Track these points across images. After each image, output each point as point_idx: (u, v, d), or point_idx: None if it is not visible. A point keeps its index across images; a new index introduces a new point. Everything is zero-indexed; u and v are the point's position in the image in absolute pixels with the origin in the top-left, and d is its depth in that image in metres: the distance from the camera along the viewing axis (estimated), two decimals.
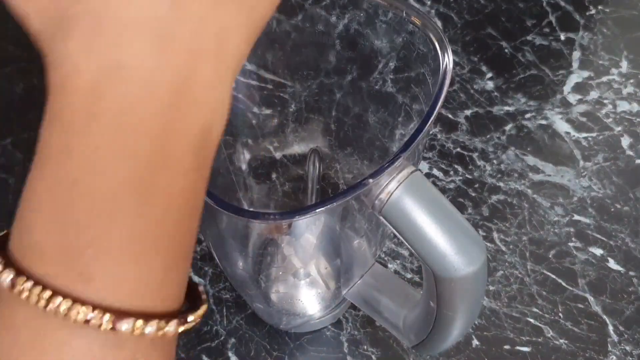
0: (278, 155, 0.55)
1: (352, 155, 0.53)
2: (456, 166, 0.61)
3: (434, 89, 0.38)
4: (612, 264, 0.56)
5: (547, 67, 0.68)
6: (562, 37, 0.70)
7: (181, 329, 0.26)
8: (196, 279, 0.55)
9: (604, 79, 0.67)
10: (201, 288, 0.29)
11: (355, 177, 0.52)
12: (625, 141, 0.63)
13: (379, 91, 0.48)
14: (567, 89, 0.66)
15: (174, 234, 0.25)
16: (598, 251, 0.57)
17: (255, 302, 0.48)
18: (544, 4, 0.72)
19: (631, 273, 0.56)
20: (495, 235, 0.58)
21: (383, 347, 0.53)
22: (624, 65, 0.67)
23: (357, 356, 0.53)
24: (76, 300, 0.23)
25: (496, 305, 0.54)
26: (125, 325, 0.24)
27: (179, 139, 0.24)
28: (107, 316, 0.24)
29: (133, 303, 0.25)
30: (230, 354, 0.52)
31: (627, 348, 0.52)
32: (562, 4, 0.72)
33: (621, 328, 0.53)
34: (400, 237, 0.35)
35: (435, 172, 0.61)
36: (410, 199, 0.33)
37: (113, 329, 0.24)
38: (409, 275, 0.56)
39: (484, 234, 0.58)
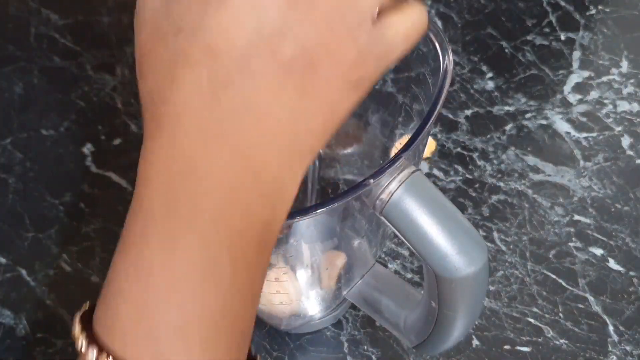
0: None
1: (352, 155, 0.53)
2: (456, 166, 0.61)
3: (434, 89, 0.38)
4: (612, 264, 0.56)
5: (547, 67, 0.68)
6: (563, 37, 0.70)
7: None
8: None
9: (604, 79, 0.67)
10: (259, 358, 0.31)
11: (356, 177, 0.52)
12: (626, 141, 0.63)
13: (379, 91, 0.48)
14: (567, 88, 0.66)
15: (236, 320, 0.27)
16: (598, 251, 0.57)
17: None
18: (544, 3, 0.72)
19: (631, 273, 0.56)
20: (495, 235, 0.58)
21: (383, 347, 0.53)
22: (624, 65, 0.67)
23: (357, 356, 0.53)
24: None
25: (496, 305, 0.54)
26: None
27: (241, 230, 0.26)
28: None
29: None
30: None
31: (628, 348, 0.52)
32: (563, 3, 0.72)
33: (621, 328, 0.53)
34: (402, 238, 0.35)
35: (435, 172, 0.61)
36: (411, 199, 0.33)
37: None
38: (409, 275, 0.56)
39: (484, 234, 0.58)
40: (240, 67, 0.25)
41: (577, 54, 0.68)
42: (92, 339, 0.27)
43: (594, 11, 0.71)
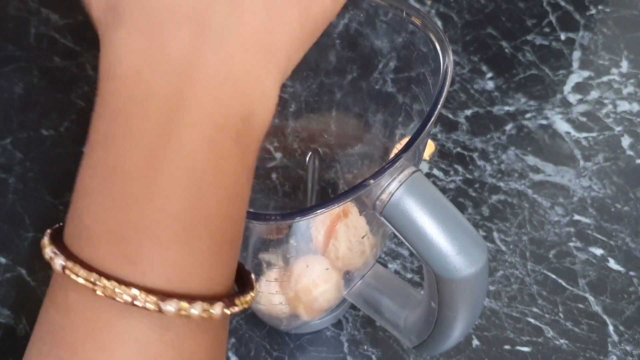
0: (278, 155, 0.55)
1: (352, 155, 0.53)
2: (456, 166, 0.61)
3: (434, 89, 0.38)
4: (612, 264, 0.56)
5: (547, 67, 0.68)
6: (563, 37, 0.70)
7: (229, 311, 0.26)
8: None
9: (604, 78, 0.67)
10: (253, 276, 0.30)
11: (355, 177, 0.52)
12: (626, 141, 0.63)
13: (379, 91, 0.48)
14: (567, 88, 0.66)
15: (217, 219, 0.26)
16: (598, 251, 0.57)
17: (255, 303, 0.48)
18: (544, 3, 0.72)
19: (631, 273, 0.56)
20: (495, 235, 0.58)
21: (383, 347, 0.53)
22: (624, 65, 0.67)
23: (357, 356, 0.53)
24: (122, 282, 0.24)
25: (496, 305, 0.54)
26: (169, 306, 0.24)
27: (216, 122, 0.25)
28: (152, 297, 0.24)
29: (178, 285, 0.25)
30: (230, 354, 0.52)
31: (628, 348, 0.52)
32: (563, 3, 0.72)
33: (621, 328, 0.53)
34: (402, 238, 0.35)
35: (435, 172, 0.61)
36: (411, 200, 0.33)
37: (158, 310, 0.24)
38: (409, 275, 0.56)
39: (484, 234, 0.58)
40: None
41: (577, 54, 0.68)
42: (60, 248, 0.25)
43: (594, 11, 0.71)
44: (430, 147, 0.62)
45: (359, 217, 0.42)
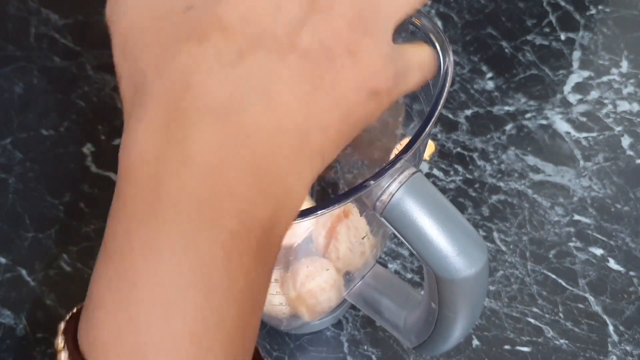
0: None
1: (352, 155, 0.53)
2: (456, 166, 0.61)
3: (434, 89, 0.38)
4: (612, 264, 0.56)
5: (547, 67, 0.68)
6: (563, 37, 0.70)
7: None
8: None
9: (604, 78, 0.67)
10: None
11: (355, 177, 0.52)
12: (626, 141, 0.63)
13: None
14: (567, 88, 0.66)
15: (232, 332, 0.25)
16: (598, 251, 0.57)
17: None
18: (544, 3, 0.72)
19: (631, 273, 0.56)
20: (495, 235, 0.58)
21: (383, 347, 0.53)
22: (624, 65, 0.67)
23: (357, 356, 0.53)
24: None
25: (496, 305, 0.54)
26: None
27: (239, 236, 0.24)
28: None
29: None
30: None
31: (628, 348, 0.52)
32: (563, 3, 0.72)
33: (621, 328, 0.53)
34: (402, 239, 0.35)
35: (435, 172, 0.61)
36: (411, 201, 0.33)
37: None
38: (409, 276, 0.56)
39: (484, 234, 0.58)
40: (253, 45, 0.23)
41: (577, 54, 0.68)
42: (73, 353, 0.25)
43: (594, 11, 0.71)
44: (430, 147, 0.62)
45: (360, 218, 0.42)
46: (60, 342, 0.25)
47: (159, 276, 0.23)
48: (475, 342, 0.53)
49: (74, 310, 0.27)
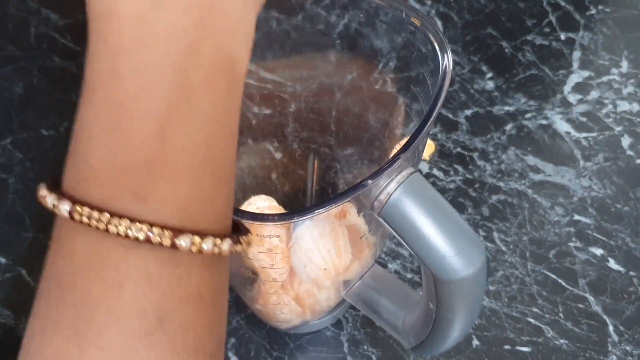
0: (278, 155, 0.55)
1: (352, 155, 0.53)
2: (456, 166, 0.61)
3: (433, 89, 0.38)
4: (612, 264, 0.56)
5: (547, 67, 0.68)
6: (563, 37, 0.69)
7: (236, 248, 0.27)
8: None
9: (604, 78, 0.67)
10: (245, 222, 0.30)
11: (355, 177, 0.52)
12: (626, 141, 0.63)
13: (379, 91, 0.48)
14: (567, 88, 0.66)
15: (216, 155, 0.26)
16: (598, 251, 0.57)
17: (255, 303, 0.48)
18: (544, 3, 0.72)
19: (631, 273, 0.56)
20: (495, 235, 0.58)
21: (383, 347, 0.53)
22: (624, 65, 0.67)
23: (357, 356, 0.53)
24: (134, 220, 0.24)
25: (496, 305, 0.54)
26: (183, 241, 0.25)
27: (213, 62, 0.25)
28: (167, 233, 0.25)
29: (187, 221, 0.25)
30: (230, 354, 0.52)
31: (628, 348, 0.52)
32: (563, 3, 0.72)
33: (621, 328, 0.53)
34: (400, 239, 0.35)
35: (435, 172, 0.61)
36: (409, 200, 0.33)
37: (173, 245, 0.25)
38: (409, 275, 0.56)
39: (484, 234, 0.58)
40: None
41: (577, 54, 0.68)
42: (64, 194, 0.26)
43: (594, 11, 0.71)
44: (430, 147, 0.62)
45: (358, 218, 0.42)
46: (44, 190, 0.26)
47: (146, 98, 0.25)
48: (475, 342, 0.53)
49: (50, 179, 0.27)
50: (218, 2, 0.25)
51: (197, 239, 0.25)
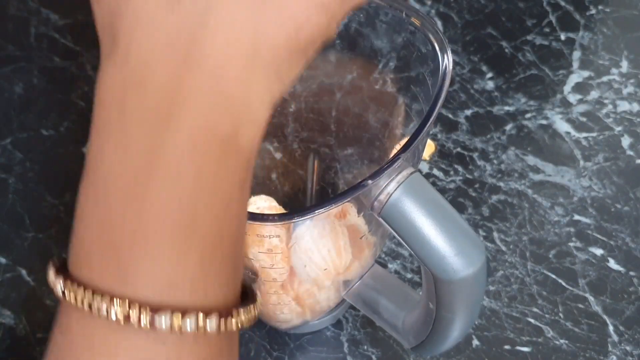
0: (278, 155, 0.55)
1: (352, 155, 0.53)
2: (456, 166, 0.61)
3: (433, 89, 0.39)
4: (612, 264, 0.56)
5: (547, 67, 0.68)
6: (563, 37, 0.69)
7: (230, 324, 0.26)
8: None
9: (604, 78, 0.67)
10: (257, 292, 0.30)
11: (355, 177, 0.52)
12: (626, 141, 0.63)
13: (379, 91, 0.48)
14: (567, 88, 0.66)
15: (208, 235, 0.26)
16: (598, 251, 0.57)
17: None
18: (544, 3, 0.72)
19: (631, 273, 0.56)
20: (495, 235, 0.58)
21: (383, 347, 0.53)
22: (624, 65, 0.67)
23: (357, 356, 0.53)
24: (115, 297, 0.24)
25: (496, 305, 0.54)
26: (163, 319, 0.24)
27: (203, 144, 0.25)
28: (145, 313, 0.24)
29: (170, 298, 0.25)
30: None
31: (628, 348, 0.52)
32: (563, 3, 0.72)
33: (621, 328, 0.53)
34: (400, 239, 0.35)
35: (435, 172, 0.61)
36: (409, 201, 0.33)
37: (152, 324, 0.24)
38: (409, 275, 0.56)
39: (484, 234, 0.58)
40: None
41: (577, 54, 0.68)
42: (60, 271, 0.26)
43: (594, 11, 0.71)
44: (430, 147, 0.62)
45: (358, 218, 0.42)
46: (51, 270, 0.27)
47: (130, 180, 0.25)
48: (475, 342, 0.53)
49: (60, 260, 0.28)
50: (210, 75, 0.25)
51: (176, 319, 0.25)
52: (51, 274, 0.26)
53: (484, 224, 0.58)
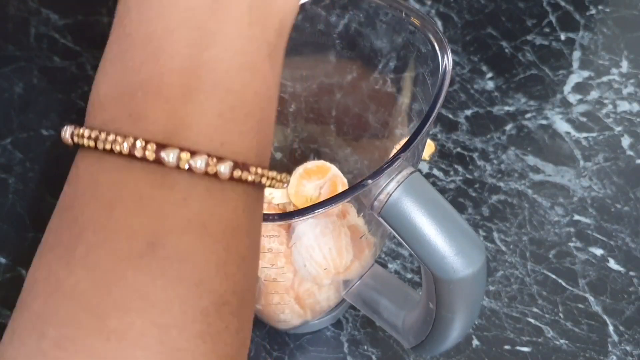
0: (278, 155, 0.55)
1: (352, 155, 0.53)
2: (456, 166, 0.61)
3: (433, 89, 0.39)
4: (612, 264, 0.56)
5: (547, 67, 0.68)
6: (563, 37, 0.69)
7: (245, 176, 0.25)
8: None
9: (604, 79, 0.67)
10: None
11: (355, 177, 0.52)
12: (626, 141, 0.63)
13: (379, 91, 0.48)
14: (567, 89, 0.66)
15: (231, 82, 0.25)
16: (598, 251, 0.57)
17: (256, 304, 0.48)
18: (544, 3, 0.72)
19: (631, 273, 0.56)
20: (495, 235, 0.58)
21: (383, 347, 0.53)
22: (624, 65, 0.67)
23: (357, 356, 0.53)
24: (121, 134, 0.24)
25: (496, 305, 0.54)
26: (168, 156, 0.23)
27: (265, 17, 0.26)
28: (151, 145, 0.23)
29: (180, 139, 0.24)
30: None
31: (628, 348, 0.52)
32: (562, 3, 0.72)
33: (621, 328, 0.53)
34: (400, 239, 0.35)
35: (435, 172, 0.61)
36: (409, 200, 0.33)
37: (157, 160, 0.23)
38: (409, 275, 0.56)
39: (484, 234, 0.58)
40: None
41: (577, 54, 0.68)
42: (72, 124, 0.26)
43: (594, 11, 0.71)
44: (430, 147, 0.62)
45: (358, 218, 0.42)
46: (66, 129, 0.26)
47: (150, 23, 0.25)
48: (475, 342, 0.53)
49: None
50: None
51: (184, 154, 0.23)
52: (65, 129, 0.26)
53: (484, 224, 0.58)
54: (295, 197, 0.47)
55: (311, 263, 0.42)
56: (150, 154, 0.23)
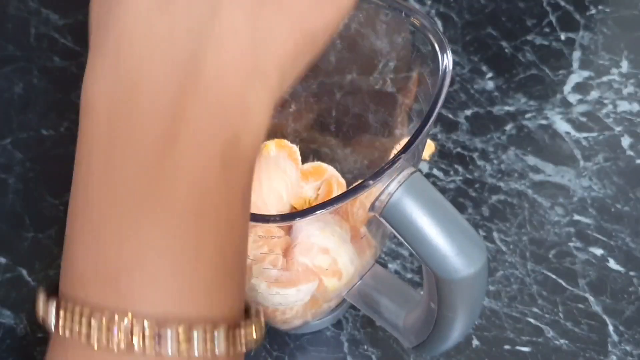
0: None
1: (352, 155, 0.53)
2: (456, 166, 0.61)
3: (433, 89, 0.38)
4: (612, 264, 0.56)
5: (547, 67, 0.68)
6: (563, 37, 0.69)
7: (240, 336, 0.24)
8: None
9: (605, 78, 0.67)
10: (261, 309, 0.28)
11: (355, 177, 0.52)
12: (626, 141, 0.63)
13: (379, 91, 0.48)
14: (567, 88, 0.66)
15: (209, 250, 0.24)
16: (598, 251, 0.57)
17: (254, 303, 0.48)
18: (544, 3, 0.72)
19: (631, 273, 0.56)
20: (495, 235, 0.58)
21: (383, 347, 0.53)
22: (625, 65, 0.67)
23: (357, 356, 0.53)
24: (114, 313, 0.23)
25: (496, 305, 0.54)
26: (168, 332, 0.23)
27: (203, 152, 0.24)
28: (150, 326, 0.23)
29: (175, 313, 0.24)
30: None
31: (628, 348, 0.52)
32: (563, 3, 0.72)
33: (621, 328, 0.53)
34: (401, 239, 0.35)
35: (435, 172, 0.61)
36: (410, 201, 0.33)
37: (158, 337, 0.23)
38: (409, 275, 0.56)
39: (484, 234, 0.58)
40: None
41: (577, 54, 0.68)
42: (53, 296, 0.25)
43: (594, 11, 0.71)
44: (430, 147, 0.62)
45: (358, 218, 0.42)
46: (41, 295, 0.25)
47: (127, 201, 0.23)
48: (475, 342, 0.53)
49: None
50: (201, 79, 0.24)
51: (182, 327, 0.23)
52: (42, 297, 0.25)
53: (484, 224, 0.58)
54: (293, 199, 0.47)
55: (312, 263, 0.42)
56: (150, 331, 0.23)
